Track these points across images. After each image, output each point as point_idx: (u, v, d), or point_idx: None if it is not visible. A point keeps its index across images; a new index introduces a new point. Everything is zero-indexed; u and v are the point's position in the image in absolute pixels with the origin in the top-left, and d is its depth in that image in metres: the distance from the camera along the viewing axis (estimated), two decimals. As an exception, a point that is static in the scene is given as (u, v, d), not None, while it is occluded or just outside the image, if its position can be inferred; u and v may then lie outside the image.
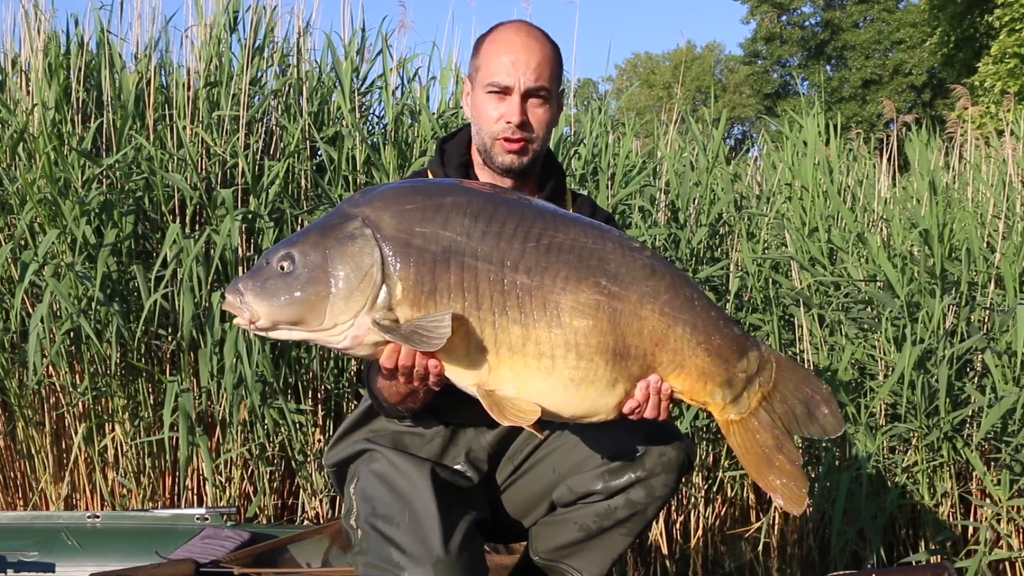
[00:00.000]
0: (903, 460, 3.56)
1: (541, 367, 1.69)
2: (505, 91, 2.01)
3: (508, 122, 2.02)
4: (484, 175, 2.12)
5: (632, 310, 1.72)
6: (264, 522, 3.60)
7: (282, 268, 1.68)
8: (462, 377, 1.72)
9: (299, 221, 3.76)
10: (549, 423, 1.87)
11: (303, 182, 3.88)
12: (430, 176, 2.15)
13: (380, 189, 1.76)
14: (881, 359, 3.64)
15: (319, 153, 3.97)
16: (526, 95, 2.01)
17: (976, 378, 3.60)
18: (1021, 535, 3.46)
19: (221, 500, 3.64)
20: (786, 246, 4.13)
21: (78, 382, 3.62)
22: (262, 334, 1.72)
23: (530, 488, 2.16)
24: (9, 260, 3.52)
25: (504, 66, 2.01)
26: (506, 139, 2.03)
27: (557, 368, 1.69)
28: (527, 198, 1.80)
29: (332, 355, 3.74)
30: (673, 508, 3.95)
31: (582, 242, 1.73)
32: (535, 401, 1.71)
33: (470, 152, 2.14)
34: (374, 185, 3.54)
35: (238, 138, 3.74)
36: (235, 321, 1.72)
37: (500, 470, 2.18)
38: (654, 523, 3.75)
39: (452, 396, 1.79)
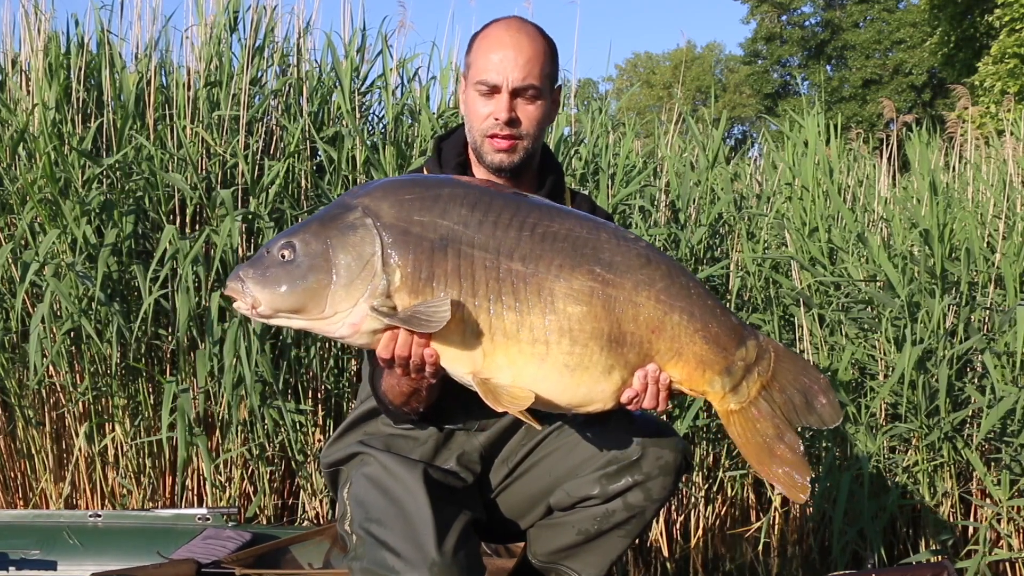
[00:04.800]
0: (903, 460, 3.56)
1: (535, 353, 1.70)
2: (494, 89, 2.01)
3: (496, 119, 2.01)
4: (480, 174, 2.12)
5: (627, 297, 1.72)
6: (264, 522, 3.60)
7: (283, 257, 1.69)
8: (458, 364, 1.72)
9: (299, 221, 3.76)
10: (548, 415, 1.87)
11: (303, 182, 3.88)
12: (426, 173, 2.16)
13: (379, 182, 1.79)
14: (881, 359, 3.64)
15: (319, 153, 3.97)
16: (515, 93, 2.01)
17: (976, 378, 3.60)
18: (1021, 535, 3.46)
19: (221, 500, 3.64)
20: (786, 246, 4.13)
21: (78, 382, 3.62)
22: (263, 320, 1.74)
23: (526, 491, 2.16)
24: (10, 260, 3.52)
25: (493, 64, 2.00)
26: (495, 136, 2.02)
27: (551, 354, 1.70)
28: (523, 193, 1.82)
29: (332, 355, 3.74)
30: (673, 508, 3.95)
31: (577, 232, 1.75)
32: (530, 387, 1.71)
33: (467, 151, 2.14)
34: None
35: (238, 138, 3.74)
36: (235, 306, 1.72)
37: (494, 473, 2.17)
38: (654, 523, 3.76)
39: (447, 398, 1.79)
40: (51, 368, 3.64)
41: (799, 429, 1.84)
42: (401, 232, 1.69)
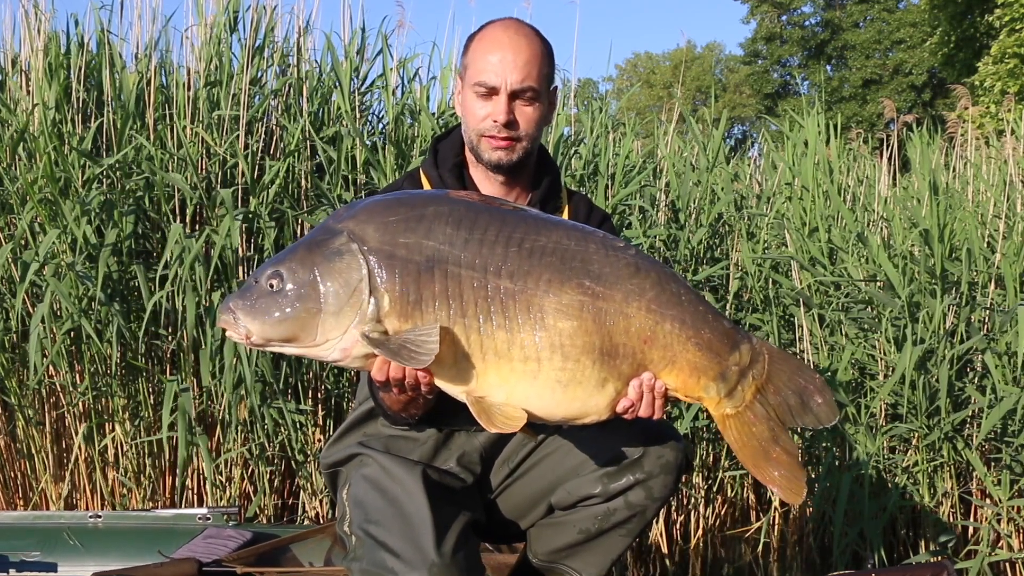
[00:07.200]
0: (903, 460, 3.57)
1: (527, 370, 1.69)
2: (492, 91, 2.01)
3: (495, 121, 2.02)
4: (478, 174, 2.13)
5: (618, 309, 1.72)
6: (264, 522, 3.60)
7: (271, 286, 1.69)
8: (451, 385, 1.72)
9: (299, 221, 3.76)
10: (544, 426, 1.87)
11: (303, 182, 3.88)
12: (423, 176, 2.16)
13: (364, 203, 1.78)
14: (881, 359, 3.64)
15: (319, 153, 3.97)
16: (513, 95, 2.01)
17: (976, 378, 3.60)
18: (1021, 535, 3.46)
19: (221, 500, 3.64)
20: (786, 246, 4.13)
21: (78, 382, 3.62)
22: (257, 348, 1.74)
23: (527, 491, 2.16)
24: (10, 260, 3.52)
25: (491, 65, 2.01)
26: (492, 137, 2.03)
27: (543, 371, 1.69)
28: (510, 204, 1.81)
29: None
30: (673, 508, 3.95)
31: (564, 244, 1.73)
32: (523, 405, 1.71)
33: (464, 152, 2.14)
34: (372, 189, 3.54)
35: (238, 138, 3.75)
36: (229, 335, 1.73)
37: (495, 473, 2.18)
38: (654, 523, 3.76)
39: (447, 399, 1.79)
40: (51, 368, 3.64)
41: (796, 430, 1.84)
42: (387, 256, 1.68)
